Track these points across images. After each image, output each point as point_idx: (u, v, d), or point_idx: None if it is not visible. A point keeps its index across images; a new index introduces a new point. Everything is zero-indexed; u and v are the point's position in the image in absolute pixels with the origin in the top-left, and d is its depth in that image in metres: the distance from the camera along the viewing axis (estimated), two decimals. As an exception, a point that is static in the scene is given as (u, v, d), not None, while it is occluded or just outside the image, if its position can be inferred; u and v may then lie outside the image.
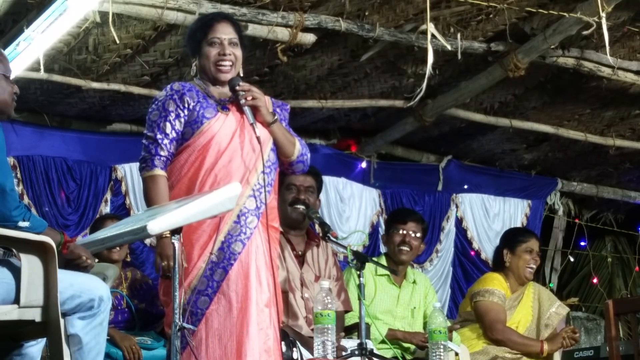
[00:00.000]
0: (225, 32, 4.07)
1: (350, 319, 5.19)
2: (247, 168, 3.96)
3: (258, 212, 3.96)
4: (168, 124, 3.96)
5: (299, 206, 5.04)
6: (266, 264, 3.95)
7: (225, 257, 3.88)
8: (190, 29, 4.21)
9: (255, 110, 4.02)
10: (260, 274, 3.91)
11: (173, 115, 3.96)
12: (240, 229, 3.91)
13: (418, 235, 5.61)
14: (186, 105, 3.97)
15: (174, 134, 3.96)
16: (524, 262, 5.85)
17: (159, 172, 3.94)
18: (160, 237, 3.80)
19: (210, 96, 4.05)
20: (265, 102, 4.10)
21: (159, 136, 3.95)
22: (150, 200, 3.91)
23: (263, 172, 3.97)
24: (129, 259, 5.72)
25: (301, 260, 5.08)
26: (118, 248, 5.28)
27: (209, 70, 4.07)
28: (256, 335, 3.82)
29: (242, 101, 4.01)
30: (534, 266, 5.87)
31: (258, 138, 3.96)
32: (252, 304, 3.84)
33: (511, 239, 6.00)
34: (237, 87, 4.04)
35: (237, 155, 3.96)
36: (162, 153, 3.94)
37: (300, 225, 5.11)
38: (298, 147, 4.14)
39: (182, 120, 3.97)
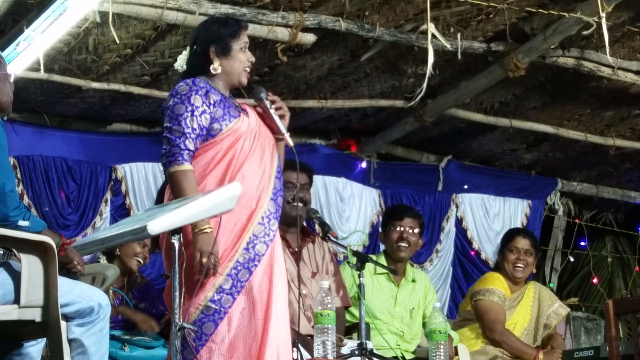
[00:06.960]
0: (246, 38, 4.10)
1: None
2: (270, 169, 4.00)
3: (277, 214, 4.01)
4: (195, 119, 3.87)
5: (297, 204, 5.05)
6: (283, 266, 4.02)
7: (250, 258, 3.89)
8: (219, 29, 4.06)
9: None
10: (281, 276, 3.96)
11: (200, 110, 3.89)
12: (264, 231, 3.93)
13: (416, 230, 5.59)
14: (212, 102, 3.93)
15: (199, 130, 3.88)
16: (509, 260, 5.88)
17: (189, 167, 3.84)
18: (199, 231, 3.76)
19: (226, 97, 4.05)
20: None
21: (187, 130, 3.86)
22: (182, 195, 3.78)
23: (277, 177, 4.03)
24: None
25: (297, 257, 5.08)
26: (141, 261, 5.38)
27: (235, 74, 4.04)
28: (275, 337, 3.85)
29: (272, 111, 4.05)
30: (521, 265, 5.88)
31: (291, 148, 4.06)
32: (274, 305, 3.87)
33: (502, 239, 6.11)
34: (268, 98, 4.07)
35: (260, 157, 3.99)
36: (190, 147, 3.86)
37: (298, 222, 5.12)
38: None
39: (209, 116, 3.91)
